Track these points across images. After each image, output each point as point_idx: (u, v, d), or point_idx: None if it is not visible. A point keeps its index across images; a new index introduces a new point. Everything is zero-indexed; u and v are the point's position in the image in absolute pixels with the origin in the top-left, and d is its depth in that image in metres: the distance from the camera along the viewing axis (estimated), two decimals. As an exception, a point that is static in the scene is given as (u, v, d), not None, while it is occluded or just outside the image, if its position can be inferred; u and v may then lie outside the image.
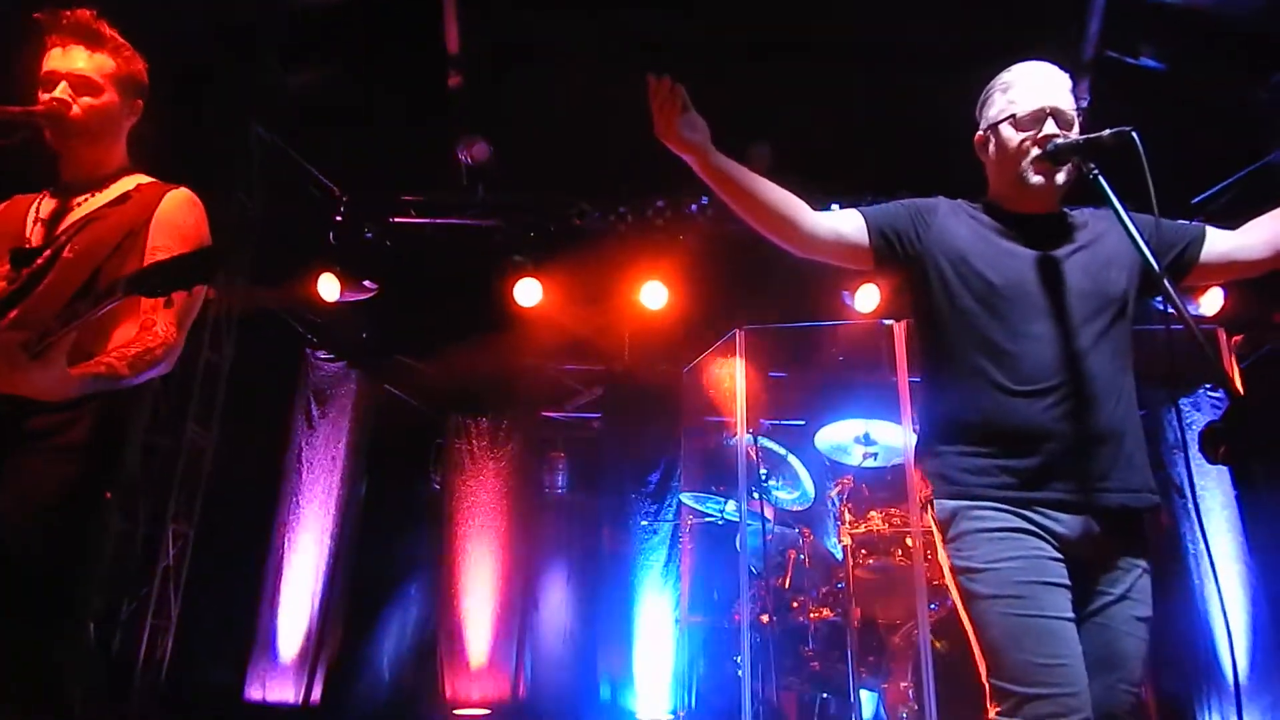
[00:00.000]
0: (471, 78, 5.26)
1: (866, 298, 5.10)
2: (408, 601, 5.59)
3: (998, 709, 1.69)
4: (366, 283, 5.43)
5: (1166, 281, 1.63)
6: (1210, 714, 4.79)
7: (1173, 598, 4.92)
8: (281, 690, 5.05)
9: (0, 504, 1.70)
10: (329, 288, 5.22)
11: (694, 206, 5.45)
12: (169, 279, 1.65)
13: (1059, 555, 1.74)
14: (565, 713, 5.34)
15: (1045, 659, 1.64)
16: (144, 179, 2.03)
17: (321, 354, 5.69)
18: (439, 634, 5.41)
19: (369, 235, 5.52)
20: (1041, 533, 1.75)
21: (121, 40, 1.99)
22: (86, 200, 1.95)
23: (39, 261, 1.85)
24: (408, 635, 5.52)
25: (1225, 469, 4.77)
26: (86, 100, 1.92)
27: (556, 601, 5.74)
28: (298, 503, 5.33)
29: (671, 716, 5.09)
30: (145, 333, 1.83)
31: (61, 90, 1.89)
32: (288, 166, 5.34)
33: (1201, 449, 1.50)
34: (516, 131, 5.37)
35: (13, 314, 1.79)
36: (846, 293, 5.14)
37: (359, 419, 5.67)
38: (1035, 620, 1.68)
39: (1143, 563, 1.81)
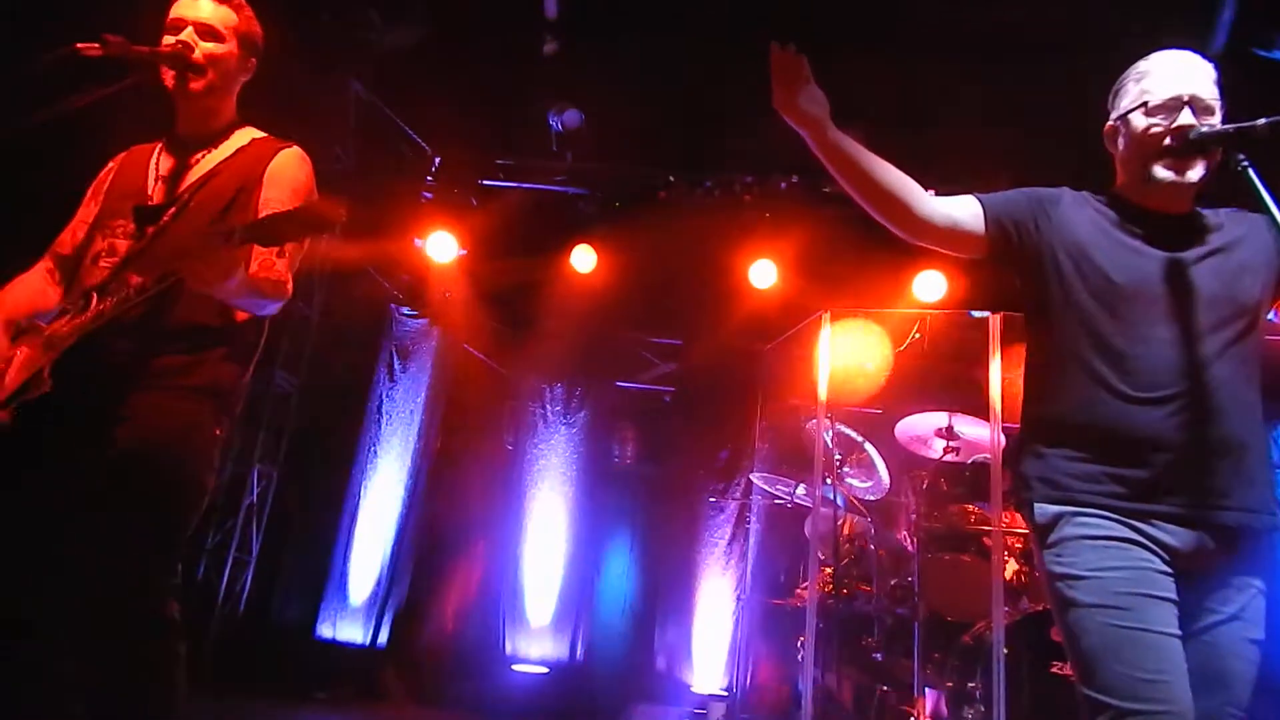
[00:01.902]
0: (568, 44, 5.25)
1: (931, 285, 5.00)
2: (475, 557, 5.72)
3: (1092, 720, 1.63)
4: (459, 249, 5.51)
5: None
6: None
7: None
8: (351, 630, 5.24)
9: (123, 436, 1.78)
10: (441, 247, 5.31)
11: (783, 184, 5.35)
12: (284, 231, 1.69)
13: (1168, 569, 1.66)
14: (621, 679, 5.40)
15: (1146, 674, 1.57)
16: (256, 133, 2.10)
17: (406, 310, 5.82)
18: (502, 591, 5.53)
19: (468, 199, 5.59)
20: (1150, 544, 1.67)
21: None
22: (203, 157, 2.02)
23: (164, 219, 1.93)
24: (473, 589, 5.65)
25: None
26: (209, 46, 1.98)
27: (618, 571, 5.79)
28: (376, 452, 5.49)
29: (725, 693, 5.10)
30: (270, 269, 1.90)
31: (188, 34, 1.97)
32: (383, 123, 5.43)
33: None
34: (608, 101, 5.35)
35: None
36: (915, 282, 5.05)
37: (438, 376, 5.80)
38: (1137, 633, 1.60)
39: (1258, 583, 1.71)
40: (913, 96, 4.81)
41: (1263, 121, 1.63)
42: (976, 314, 4.26)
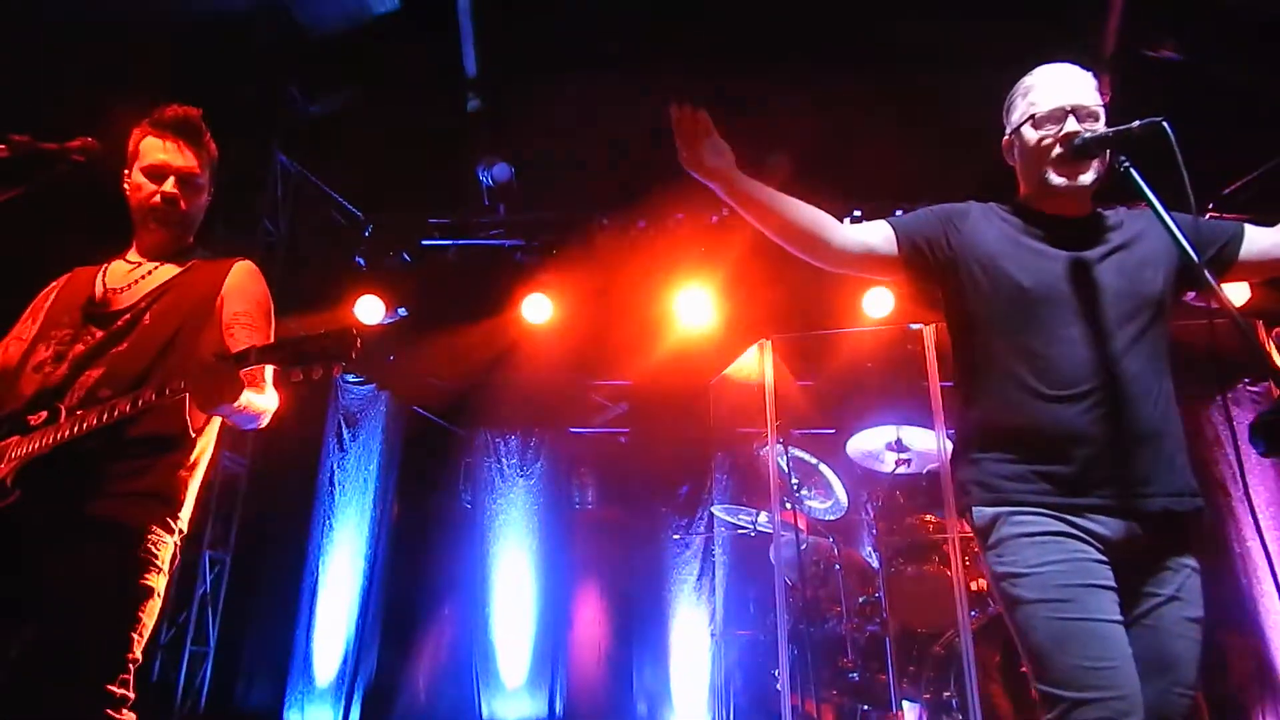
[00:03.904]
0: (490, 100, 5.31)
1: (879, 303, 5.09)
2: (442, 621, 5.60)
3: (1049, 716, 1.66)
4: (400, 310, 5.47)
5: (1208, 273, 1.59)
6: (1266, 718, 4.65)
7: (1221, 599, 4.79)
8: (319, 713, 5.06)
9: (70, 554, 1.78)
10: (370, 311, 5.27)
11: (714, 218, 5.45)
12: (301, 355, 1.78)
13: (1103, 558, 1.71)
14: (602, 730, 5.31)
15: (1092, 662, 1.61)
16: (204, 253, 2.19)
17: (350, 377, 5.74)
18: (474, 653, 5.41)
19: (404, 258, 5.58)
20: (1084, 536, 1.72)
21: (208, 133, 2.15)
22: (157, 270, 2.10)
23: (117, 325, 1.99)
24: (443, 655, 5.52)
25: (1270, 463, 4.65)
26: (192, 195, 2.11)
27: (590, 618, 5.71)
28: (331, 525, 5.37)
29: (710, 732, 5.04)
30: (257, 385, 2.00)
31: (171, 185, 2.08)
32: (311, 193, 5.41)
33: (1252, 441, 1.46)
34: (536, 151, 5.41)
35: (96, 372, 1.92)
36: (877, 302, 5.12)
37: (389, 440, 5.72)
38: (1081, 623, 1.64)
39: (1191, 562, 1.76)
40: (831, 119, 4.95)
41: (1137, 124, 1.73)
42: (914, 326, 4.36)
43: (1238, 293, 4.76)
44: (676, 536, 5.62)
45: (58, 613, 1.74)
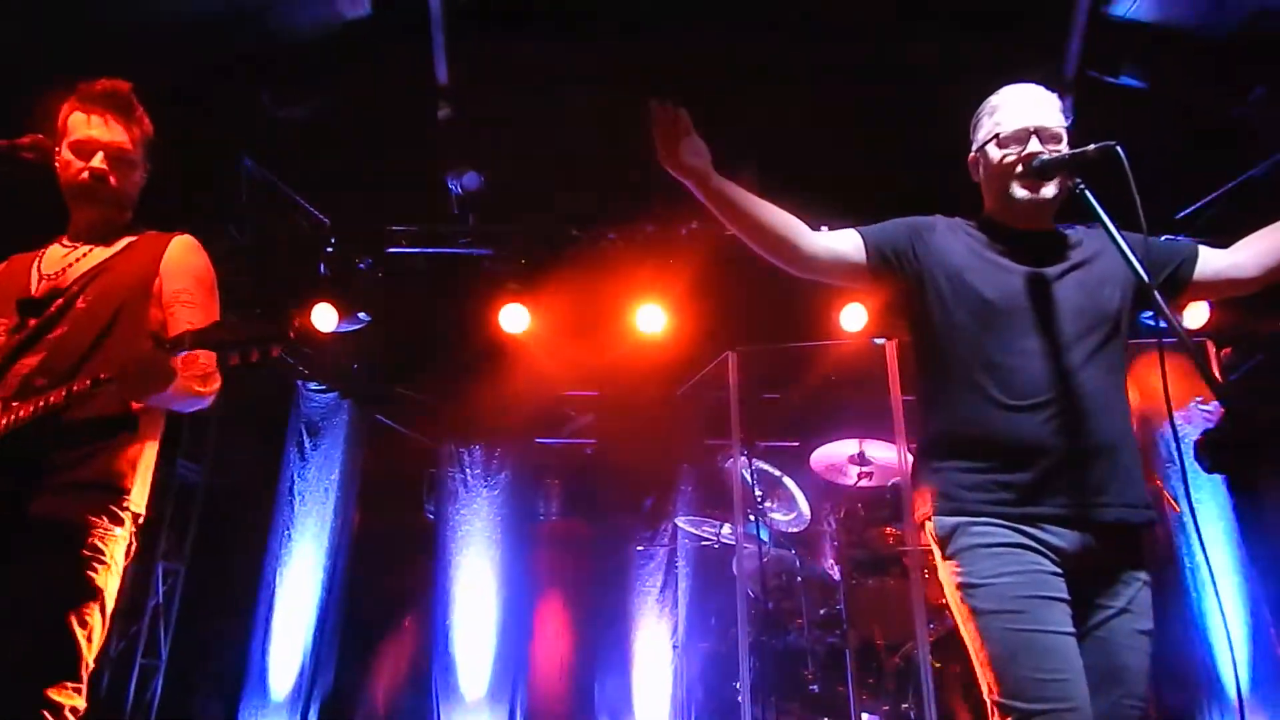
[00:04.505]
0: (461, 108, 5.29)
1: (854, 317, 5.12)
2: (403, 634, 5.52)
3: (1003, 727, 1.68)
4: (360, 315, 5.42)
5: (1157, 294, 1.64)
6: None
7: (1171, 611, 4.90)
8: (275, 727, 4.96)
9: (17, 547, 1.74)
10: (324, 319, 5.20)
11: (684, 230, 5.47)
12: (236, 339, 1.73)
13: (1058, 570, 1.74)
14: (564, 744, 5.27)
15: (1045, 674, 1.63)
16: (145, 230, 2.12)
17: (313, 385, 5.66)
18: (434, 667, 5.34)
19: (362, 266, 5.52)
20: (1040, 547, 1.75)
21: (142, 108, 2.09)
22: (92, 252, 2.03)
23: (49, 311, 1.92)
24: (403, 669, 5.44)
25: (1219, 479, 4.76)
26: (123, 171, 2.03)
27: (553, 630, 5.67)
28: (290, 536, 5.28)
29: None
30: (195, 364, 1.93)
31: (100, 160, 2.00)
32: (278, 199, 5.35)
33: (1197, 458, 1.50)
34: (506, 160, 5.39)
35: (32, 360, 1.86)
36: (839, 313, 5.15)
37: (352, 450, 5.64)
38: (1035, 635, 1.67)
39: (1142, 575, 1.80)
40: (795, 132, 5.00)
41: (1093, 147, 1.79)
42: (878, 341, 4.41)
43: (1196, 313, 4.88)
44: (640, 548, 5.61)
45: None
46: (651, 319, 5.32)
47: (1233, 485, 4.80)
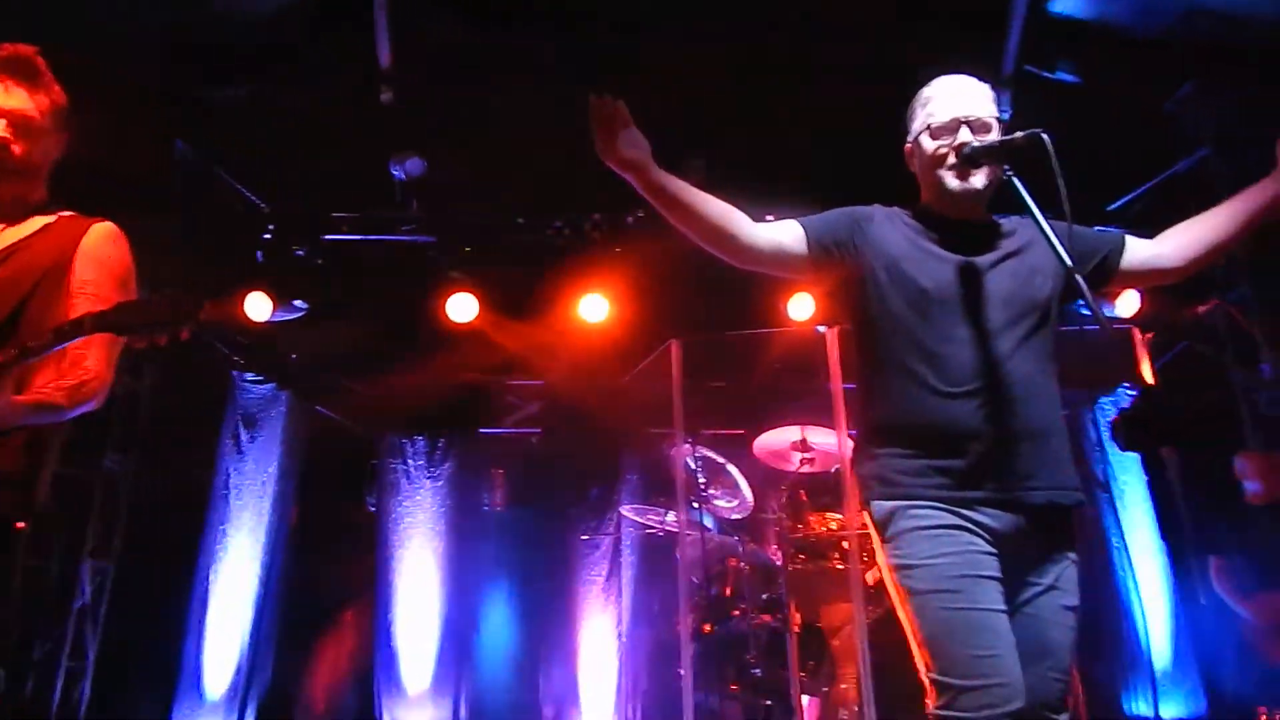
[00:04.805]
0: (404, 93, 5.18)
1: (801, 306, 5.17)
2: (343, 629, 5.43)
3: (936, 703, 1.72)
4: (297, 302, 5.30)
5: (1081, 280, 1.68)
6: (1135, 700, 4.98)
7: (1099, 590, 5.10)
8: (210, 727, 4.83)
9: None
10: (258, 307, 5.07)
11: (630, 219, 5.46)
12: (140, 321, 1.65)
13: (992, 550, 1.79)
14: (508, 735, 5.25)
15: (979, 651, 1.68)
16: (65, 211, 1.99)
17: (249, 376, 5.52)
18: (376, 661, 5.26)
19: (299, 253, 5.39)
20: (975, 529, 1.79)
21: (52, 75, 1.97)
22: (3, 232, 1.90)
23: None
24: (344, 664, 5.35)
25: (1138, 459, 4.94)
26: (28, 139, 1.90)
27: (498, 622, 5.63)
28: (225, 532, 5.14)
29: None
30: (77, 367, 1.81)
31: (3, 129, 1.87)
32: (213, 184, 5.18)
33: (1113, 437, 1.55)
34: (451, 147, 5.30)
35: None
36: (785, 302, 5.20)
37: (290, 442, 5.50)
38: (969, 613, 1.71)
39: (1070, 554, 1.87)
40: (746, 124, 5.02)
41: (1020, 135, 1.83)
42: (821, 329, 4.46)
43: (1127, 302, 5.03)
44: (585, 537, 5.60)
45: None
46: (596, 308, 5.31)
47: (1146, 464, 4.98)
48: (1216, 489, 4.51)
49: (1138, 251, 2.06)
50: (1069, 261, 1.70)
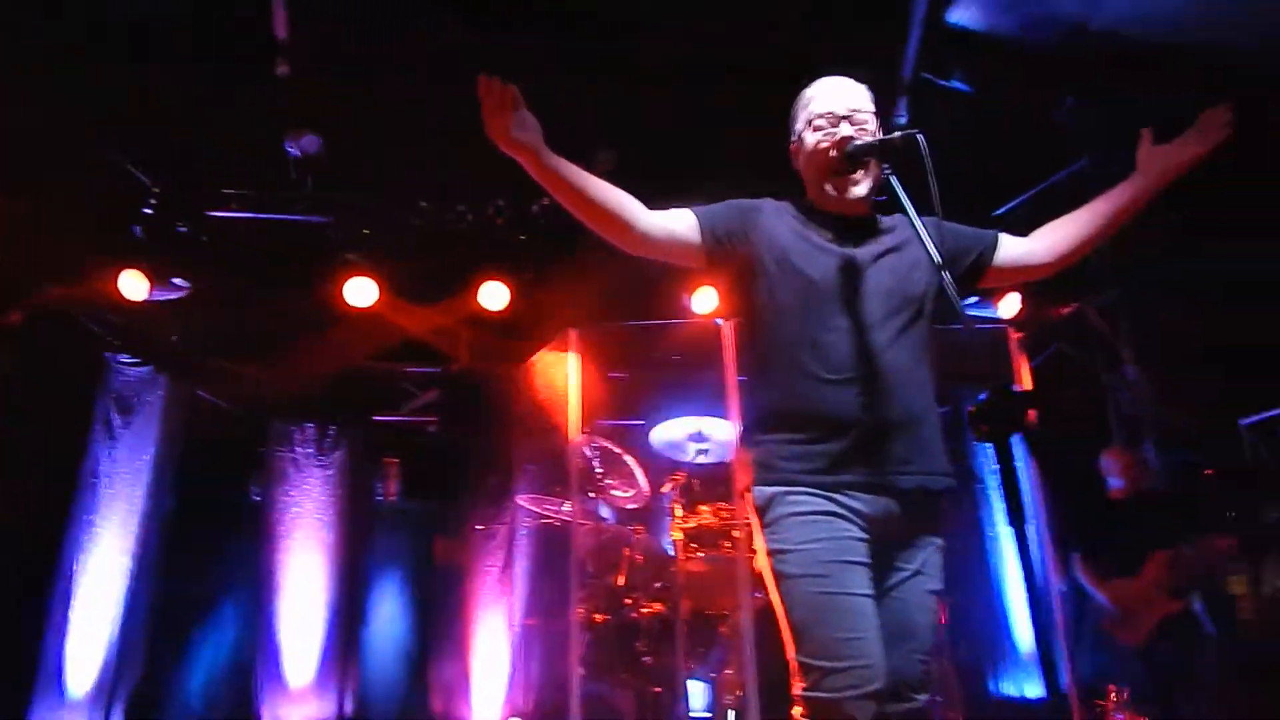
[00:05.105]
0: (301, 66, 4.98)
1: (704, 300, 5.21)
2: (222, 623, 5.19)
3: (802, 684, 1.76)
4: (178, 281, 5.03)
5: (947, 275, 1.75)
6: (1002, 681, 5.28)
7: (973, 577, 5.36)
8: (73, 728, 4.55)
9: None
10: (133, 285, 4.79)
11: (535, 207, 5.40)
12: None
13: (863, 536, 1.84)
14: (396, 728, 5.14)
15: (844, 633, 1.73)
16: None
17: (125, 357, 5.20)
18: (256, 655, 5.06)
19: (182, 229, 5.12)
20: (849, 514, 1.85)
21: None
22: None
23: None
24: (221, 659, 5.12)
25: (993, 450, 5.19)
26: None
27: (388, 614, 5.50)
28: (92, 522, 4.83)
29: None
30: None
31: None
32: (90, 154, 4.86)
33: (969, 427, 1.62)
34: (350, 125, 5.12)
35: None
36: (687, 295, 5.23)
37: (168, 427, 5.21)
38: (836, 598, 1.76)
39: (936, 540, 1.94)
40: (651, 119, 5.03)
41: (898, 134, 1.90)
42: (719, 322, 4.52)
43: (1009, 303, 5.27)
44: (481, 527, 5.53)
45: None
46: (497, 295, 5.24)
47: (998, 454, 5.23)
48: (1081, 483, 4.80)
49: (1010, 249, 2.16)
50: (937, 259, 1.77)
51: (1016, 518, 1.61)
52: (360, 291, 5.17)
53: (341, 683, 5.15)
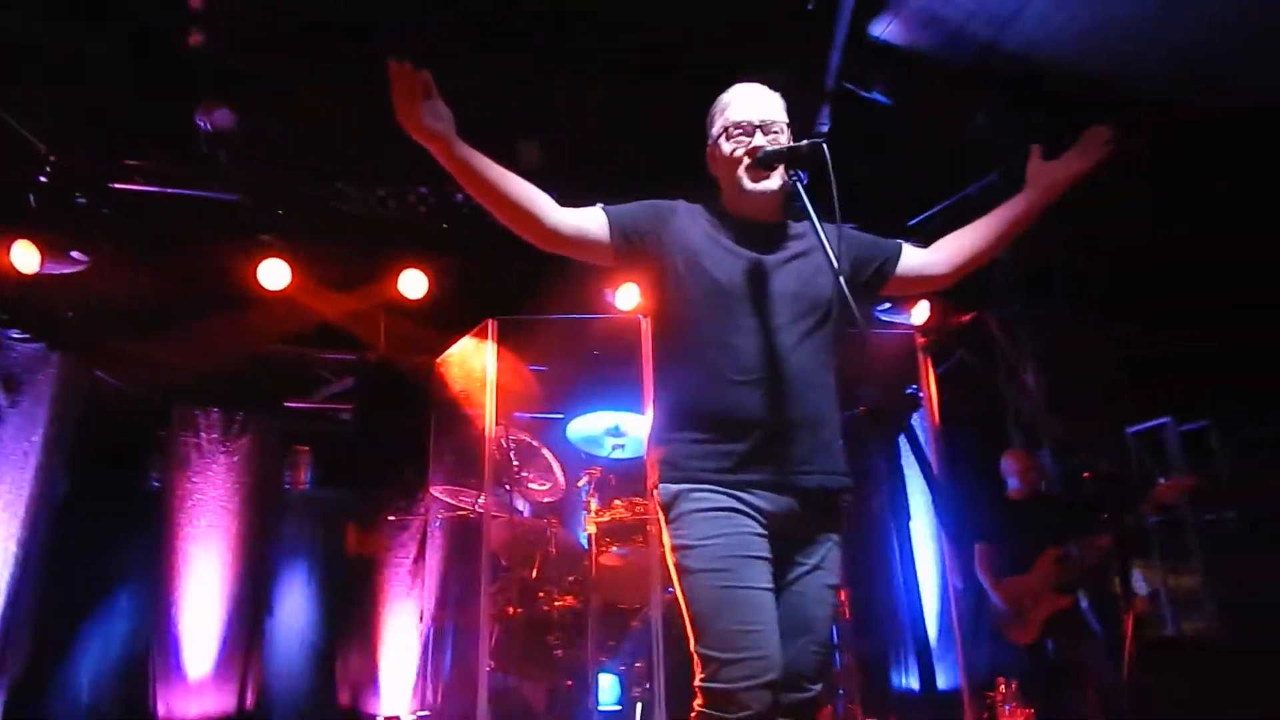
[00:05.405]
0: (216, 36, 4.78)
1: (627, 295, 5.23)
2: (115, 614, 4.96)
3: (702, 675, 1.80)
4: (75, 254, 4.78)
5: (842, 282, 1.81)
6: (904, 673, 5.49)
7: (878, 574, 5.55)
8: (-54, 724, 4.29)
9: None
10: (24, 257, 4.54)
11: (460, 196, 5.32)
12: None
13: (764, 532, 1.89)
14: (299, 721, 5.01)
15: (742, 625, 1.78)
16: None
17: (14, 333, 4.92)
18: (152, 647, 4.86)
19: (81, 201, 4.87)
20: (751, 511, 1.89)
21: None
22: None
23: None
24: (114, 651, 4.89)
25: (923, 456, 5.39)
26: None
27: (295, 605, 5.35)
28: (-26, 506, 4.56)
29: (414, 717, 4.93)
30: None
31: None
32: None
33: (860, 427, 1.68)
34: (268, 100, 4.95)
35: None
36: (609, 290, 5.24)
37: (61, 409, 4.94)
38: (736, 591, 1.81)
39: (835, 536, 2.01)
40: (577, 114, 5.02)
41: (805, 142, 1.96)
42: (642, 318, 4.55)
43: (920, 310, 5.45)
44: (393, 518, 5.43)
45: None
46: (417, 283, 5.16)
47: (884, 452, 5.44)
48: (983, 484, 5.02)
49: (911, 259, 2.24)
50: (835, 265, 1.83)
51: (902, 514, 1.68)
52: (273, 274, 5.02)
53: (243, 676, 4.99)
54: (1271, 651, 3.92)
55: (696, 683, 1.81)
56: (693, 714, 1.82)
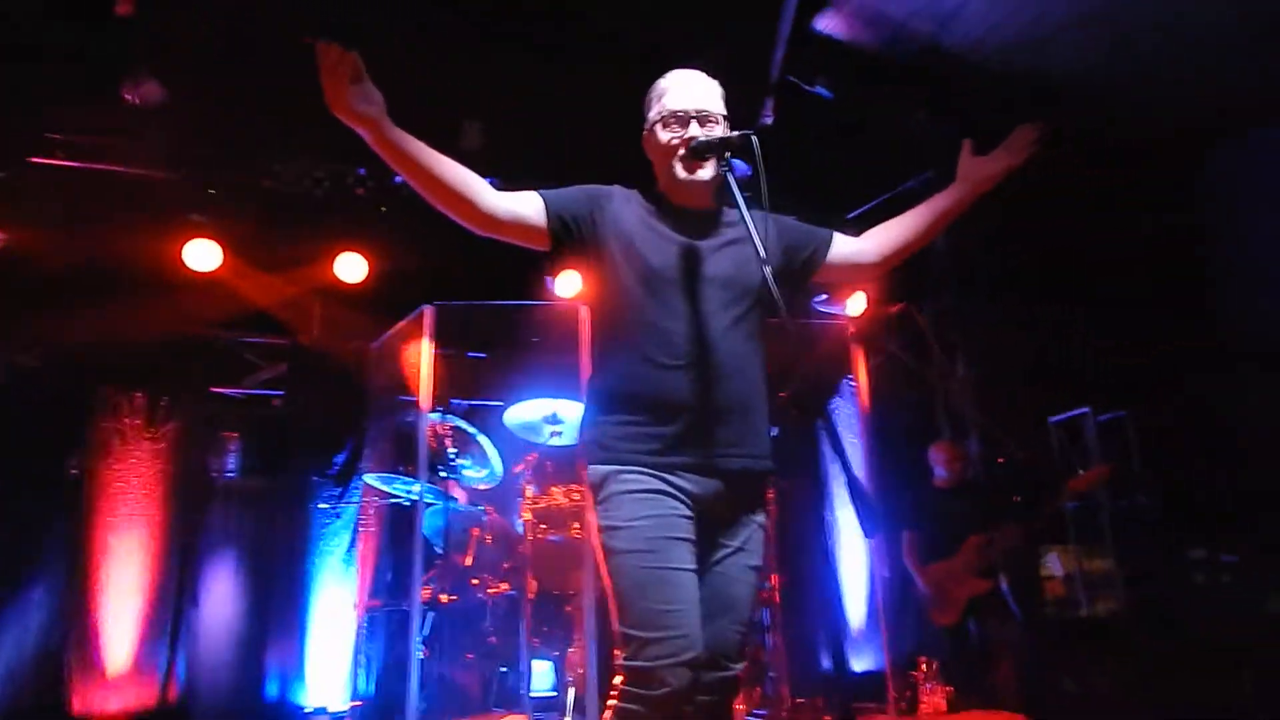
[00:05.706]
0: (146, 6, 4.61)
1: (567, 283, 5.21)
2: (29, 606, 4.76)
3: (624, 654, 1.83)
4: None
5: (767, 270, 1.85)
6: (830, 655, 5.63)
7: (810, 559, 5.67)
8: None
9: None
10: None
11: (398, 178, 5.23)
12: None
13: (690, 514, 1.92)
14: (225, 714, 4.88)
15: (664, 605, 1.80)
16: None
17: (-81, 312, 4.69)
18: (68, 640, 4.69)
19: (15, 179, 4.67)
20: (677, 493, 1.92)
21: None
22: None
23: None
24: (28, 644, 4.71)
25: (858, 445, 5.52)
26: None
27: (221, 596, 5.20)
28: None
29: (346, 706, 4.86)
30: None
31: None
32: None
33: (781, 413, 1.72)
34: (199, 75, 4.79)
35: None
36: (549, 277, 5.21)
37: (-26, 393, 4.75)
38: (659, 571, 1.84)
39: (759, 519, 2.05)
40: (524, 97, 4.97)
41: (736, 133, 1.99)
42: (582, 306, 4.55)
43: (855, 301, 5.54)
44: (325, 506, 5.34)
45: None
46: (354, 267, 5.07)
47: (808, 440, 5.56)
48: (912, 472, 5.16)
49: (842, 247, 2.29)
50: (761, 252, 1.86)
51: (827, 501, 1.73)
52: (202, 254, 4.88)
53: (166, 668, 4.85)
54: (1174, 628, 4.13)
55: (619, 662, 1.83)
56: (614, 692, 1.84)
